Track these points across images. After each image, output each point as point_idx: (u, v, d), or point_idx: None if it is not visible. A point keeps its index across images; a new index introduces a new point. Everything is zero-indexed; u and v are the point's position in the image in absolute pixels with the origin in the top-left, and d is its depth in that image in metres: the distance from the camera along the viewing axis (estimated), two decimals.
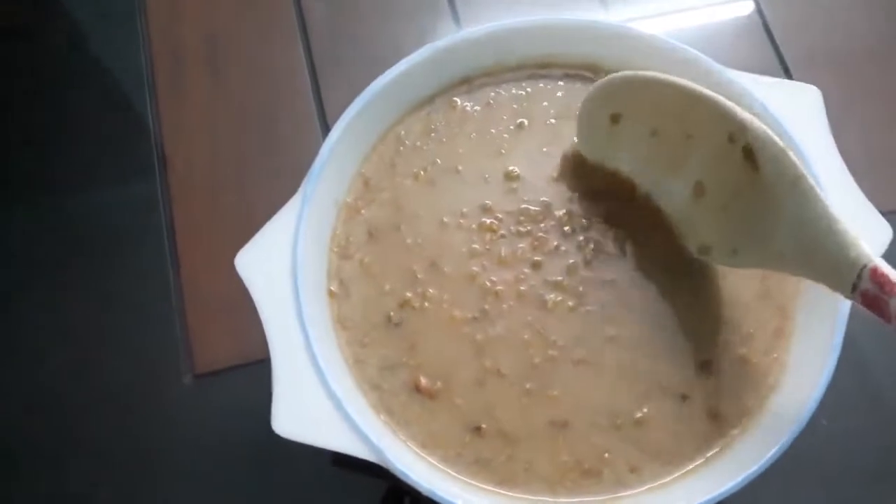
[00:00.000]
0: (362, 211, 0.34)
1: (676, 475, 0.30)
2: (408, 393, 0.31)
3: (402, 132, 0.35)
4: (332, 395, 0.28)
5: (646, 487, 0.30)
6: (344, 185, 0.34)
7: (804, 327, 0.32)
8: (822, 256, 0.27)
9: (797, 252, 0.28)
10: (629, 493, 0.30)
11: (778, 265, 0.30)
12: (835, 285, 0.27)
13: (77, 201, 0.44)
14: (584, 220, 0.34)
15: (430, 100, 0.36)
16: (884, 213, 0.33)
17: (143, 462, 0.38)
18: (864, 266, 0.26)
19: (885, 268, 0.26)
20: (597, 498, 0.30)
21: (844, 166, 0.33)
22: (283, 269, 0.30)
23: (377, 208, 0.34)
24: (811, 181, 0.28)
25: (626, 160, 0.34)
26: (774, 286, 0.33)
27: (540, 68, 0.37)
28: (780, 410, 0.30)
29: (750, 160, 0.29)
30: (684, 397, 0.31)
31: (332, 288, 0.33)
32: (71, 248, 0.43)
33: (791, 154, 0.28)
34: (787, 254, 0.29)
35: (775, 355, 0.32)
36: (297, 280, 0.30)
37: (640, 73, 0.32)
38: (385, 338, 0.32)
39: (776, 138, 0.28)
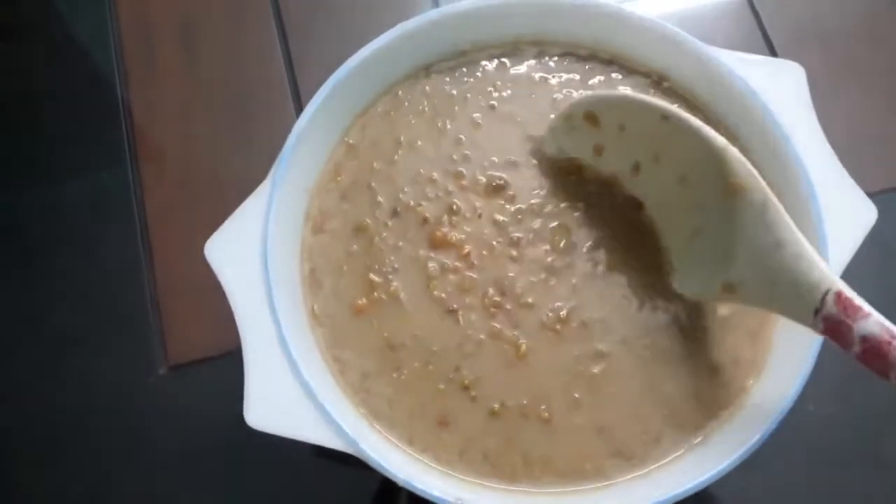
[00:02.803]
0: (338, 178, 0.34)
1: (661, 463, 0.30)
2: (383, 380, 0.30)
3: (374, 113, 0.34)
4: (305, 386, 0.28)
5: (630, 476, 0.30)
6: (315, 169, 0.33)
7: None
8: (786, 282, 0.27)
9: (759, 279, 0.28)
10: (614, 481, 0.30)
11: (740, 295, 0.29)
12: (797, 312, 0.27)
13: (46, 188, 0.43)
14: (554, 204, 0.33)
15: (401, 81, 0.35)
16: (869, 194, 0.32)
17: (118, 454, 0.37)
18: (829, 290, 0.26)
19: (850, 292, 0.26)
20: (584, 487, 0.29)
21: (828, 145, 0.32)
22: (253, 257, 0.29)
23: (350, 182, 0.34)
24: (779, 205, 0.28)
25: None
26: None
27: (517, 48, 0.36)
28: (764, 397, 0.30)
29: (721, 184, 0.29)
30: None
31: (304, 271, 0.32)
32: (41, 236, 0.42)
33: (760, 178, 0.28)
34: (748, 282, 0.28)
35: (759, 342, 0.32)
36: (267, 269, 0.29)
37: (618, 94, 0.32)
38: (357, 327, 0.31)
39: (747, 163, 0.28)
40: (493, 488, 0.29)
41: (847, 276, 0.30)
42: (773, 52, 0.47)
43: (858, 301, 0.26)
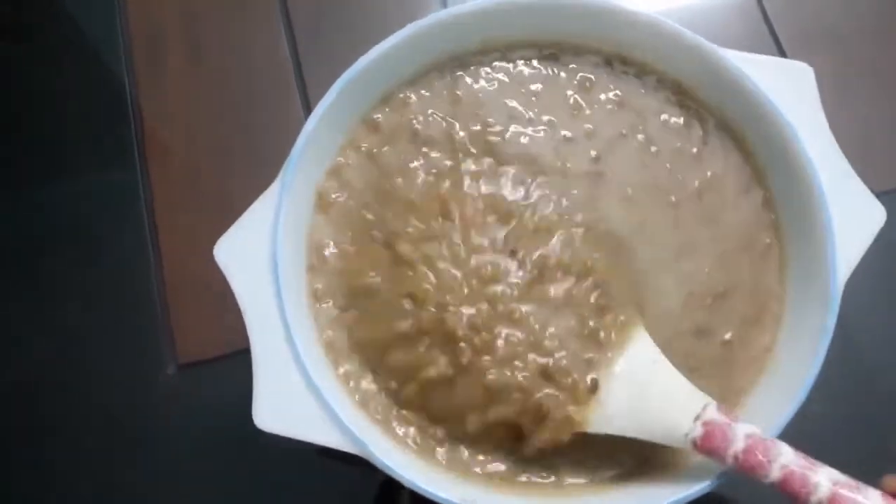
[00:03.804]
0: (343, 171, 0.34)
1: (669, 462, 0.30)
2: (385, 388, 0.31)
3: (381, 118, 0.34)
4: (313, 389, 0.28)
5: (634, 477, 0.30)
6: (324, 171, 0.33)
7: (794, 311, 0.32)
8: (662, 395, 0.28)
9: (631, 397, 0.29)
10: (621, 482, 0.30)
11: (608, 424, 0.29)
12: (670, 420, 0.28)
13: (55, 188, 0.43)
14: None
15: (412, 83, 0.35)
16: (878, 195, 0.32)
17: (127, 454, 0.38)
18: (709, 402, 0.28)
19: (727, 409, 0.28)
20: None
21: (836, 146, 0.32)
22: (262, 258, 0.29)
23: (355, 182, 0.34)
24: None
25: None
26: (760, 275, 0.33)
27: (525, 48, 0.35)
28: (769, 400, 0.30)
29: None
30: None
31: (311, 263, 0.32)
32: (50, 236, 0.42)
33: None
34: (620, 404, 0.29)
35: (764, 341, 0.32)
36: (277, 272, 0.29)
37: None
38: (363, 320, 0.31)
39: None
40: (500, 488, 0.30)
41: (856, 277, 0.30)
42: (781, 51, 0.46)
43: (735, 413, 0.28)
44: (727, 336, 0.32)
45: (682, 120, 0.35)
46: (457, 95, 0.35)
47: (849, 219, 0.31)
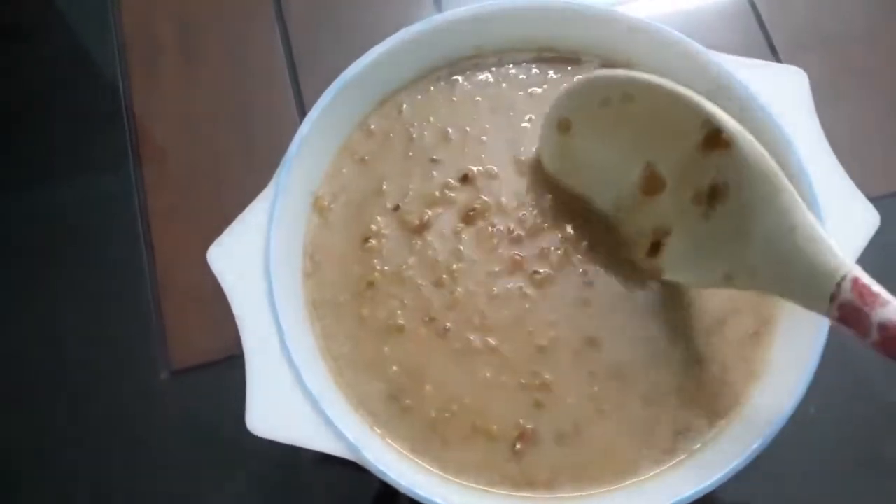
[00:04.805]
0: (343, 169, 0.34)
1: (663, 468, 0.30)
2: (385, 391, 0.31)
3: (375, 122, 0.34)
4: (306, 393, 0.28)
5: (630, 482, 0.30)
6: (318, 175, 0.33)
7: (789, 314, 0.32)
8: (799, 267, 0.26)
9: (772, 265, 0.27)
10: (615, 487, 0.30)
11: (749, 282, 0.28)
12: (810, 299, 0.26)
13: (48, 192, 0.43)
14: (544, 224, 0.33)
15: (406, 87, 0.35)
16: (872, 199, 0.32)
17: (121, 459, 0.38)
18: (845, 276, 0.25)
19: (867, 279, 0.25)
20: (576, 494, 0.29)
21: (830, 150, 0.32)
22: (255, 263, 0.29)
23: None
24: (792, 189, 0.27)
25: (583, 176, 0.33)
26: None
27: (518, 53, 0.36)
28: (764, 403, 0.30)
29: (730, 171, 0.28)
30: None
31: (306, 268, 0.32)
32: (43, 240, 0.42)
33: (773, 161, 0.27)
34: (760, 268, 0.27)
35: (759, 343, 0.32)
36: (270, 277, 0.29)
37: (621, 73, 0.31)
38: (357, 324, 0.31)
39: (761, 148, 0.27)
40: (497, 494, 0.30)
41: None
42: (775, 56, 0.47)
43: (876, 288, 0.25)
44: (722, 362, 0.31)
45: None
46: (453, 101, 0.35)
47: (843, 223, 0.31)
